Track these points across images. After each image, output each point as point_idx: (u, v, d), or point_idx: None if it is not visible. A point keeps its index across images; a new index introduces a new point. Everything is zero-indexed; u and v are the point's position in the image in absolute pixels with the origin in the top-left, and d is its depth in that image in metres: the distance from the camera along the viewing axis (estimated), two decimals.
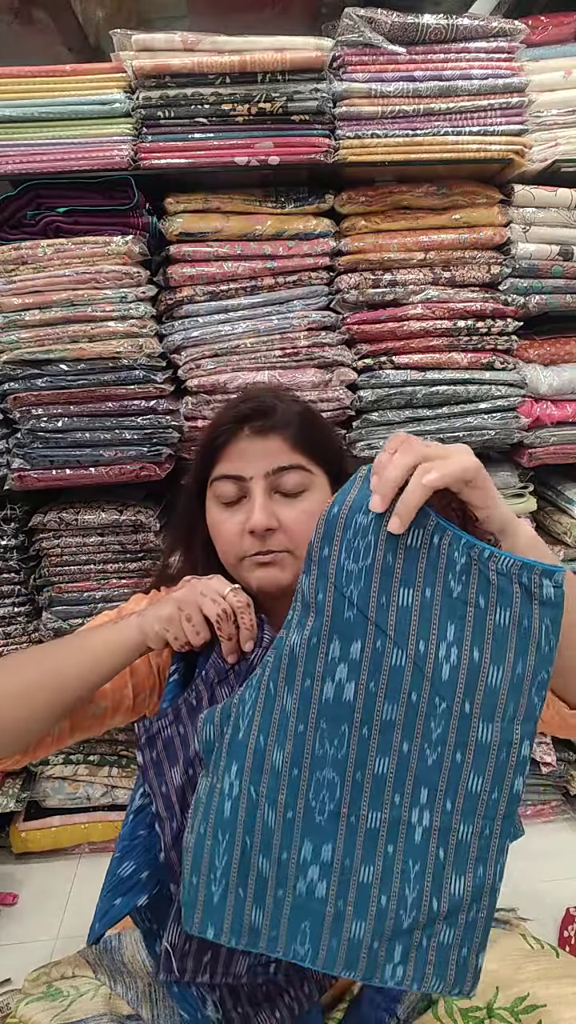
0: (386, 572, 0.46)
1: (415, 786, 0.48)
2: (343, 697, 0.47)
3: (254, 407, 0.66)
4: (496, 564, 0.46)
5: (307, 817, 0.48)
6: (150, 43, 1.02)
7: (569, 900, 1.21)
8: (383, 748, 0.48)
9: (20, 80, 1.02)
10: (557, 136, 1.14)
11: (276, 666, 0.49)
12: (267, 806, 0.48)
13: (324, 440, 0.70)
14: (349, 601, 0.46)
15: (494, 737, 0.47)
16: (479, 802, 0.48)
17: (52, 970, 0.76)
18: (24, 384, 1.10)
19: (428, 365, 1.16)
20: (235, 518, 0.65)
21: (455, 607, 0.46)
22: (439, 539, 0.46)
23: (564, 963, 0.66)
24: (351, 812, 0.48)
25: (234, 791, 0.49)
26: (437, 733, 0.47)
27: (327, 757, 0.48)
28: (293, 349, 1.14)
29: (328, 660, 0.47)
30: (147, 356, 1.11)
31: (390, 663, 0.47)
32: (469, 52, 1.08)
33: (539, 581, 0.45)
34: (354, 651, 0.47)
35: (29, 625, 1.27)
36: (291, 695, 0.48)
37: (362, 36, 1.04)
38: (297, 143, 1.05)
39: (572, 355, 1.21)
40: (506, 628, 0.46)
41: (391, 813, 0.48)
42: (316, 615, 0.47)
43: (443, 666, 0.47)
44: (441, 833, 0.48)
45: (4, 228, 1.07)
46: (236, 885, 0.49)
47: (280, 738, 0.48)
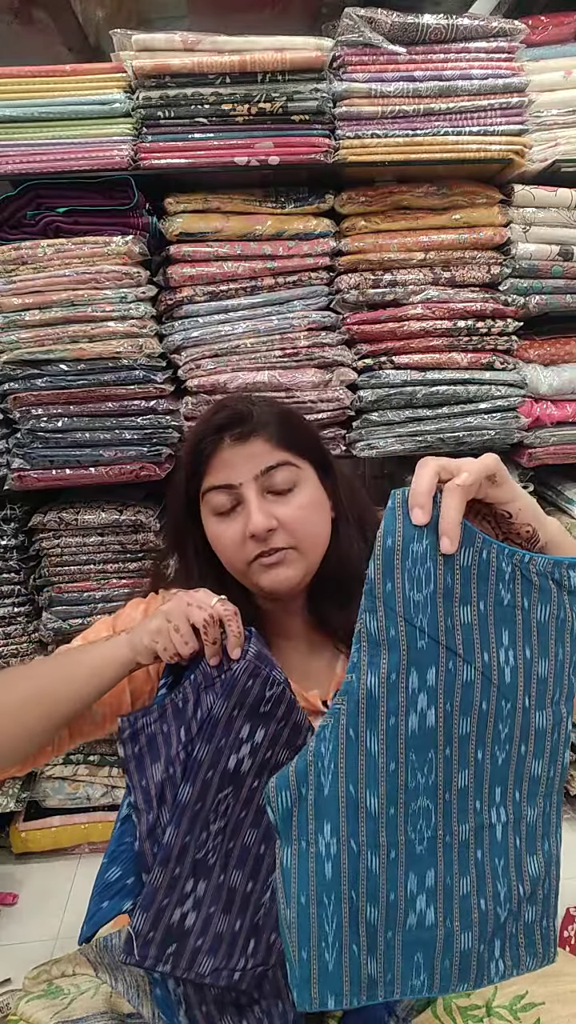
0: (448, 595, 0.47)
1: (491, 788, 0.50)
2: (427, 725, 0.48)
3: (230, 415, 0.66)
4: (536, 566, 0.49)
5: (408, 851, 0.48)
6: (150, 43, 1.02)
7: (569, 900, 1.21)
8: (463, 762, 0.49)
9: (20, 80, 1.02)
10: (557, 136, 1.14)
11: (352, 711, 0.48)
12: (369, 853, 0.48)
13: (304, 433, 0.70)
14: (420, 630, 0.47)
15: (547, 722, 0.51)
16: (541, 783, 0.51)
17: (53, 968, 0.76)
18: (24, 384, 1.10)
19: (428, 365, 1.16)
20: (234, 527, 0.65)
21: (506, 613, 0.49)
22: (487, 553, 0.48)
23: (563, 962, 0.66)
24: (445, 832, 0.49)
25: (332, 850, 0.48)
26: (505, 733, 0.50)
27: (419, 787, 0.48)
28: (293, 349, 1.14)
29: (409, 692, 0.47)
30: (147, 356, 1.11)
31: (462, 680, 0.48)
32: (469, 52, 1.08)
33: (567, 574, 0.50)
34: (431, 677, 0.48)
35: (29, 625, 1.27)
36: (375, 736, 0.48)
37: (362, 36, 1.04)
38: (297, 143, 1.05)
39: (572, 355, 1.21)
40: (546, 622, 0.50)
41: (476, 820, 0.50)
42: (390, 651, 0.47)
43: (505, 670, 0.49)
44: (515, 823, 0.51)
45: (4, 228, 1.07)
46: (350, 944, 0.48)
47: (371, 782, 0.48)
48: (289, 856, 0.49)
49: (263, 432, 0.66)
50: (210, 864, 0.56)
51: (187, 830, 0.55)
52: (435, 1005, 0.65)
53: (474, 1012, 0.63)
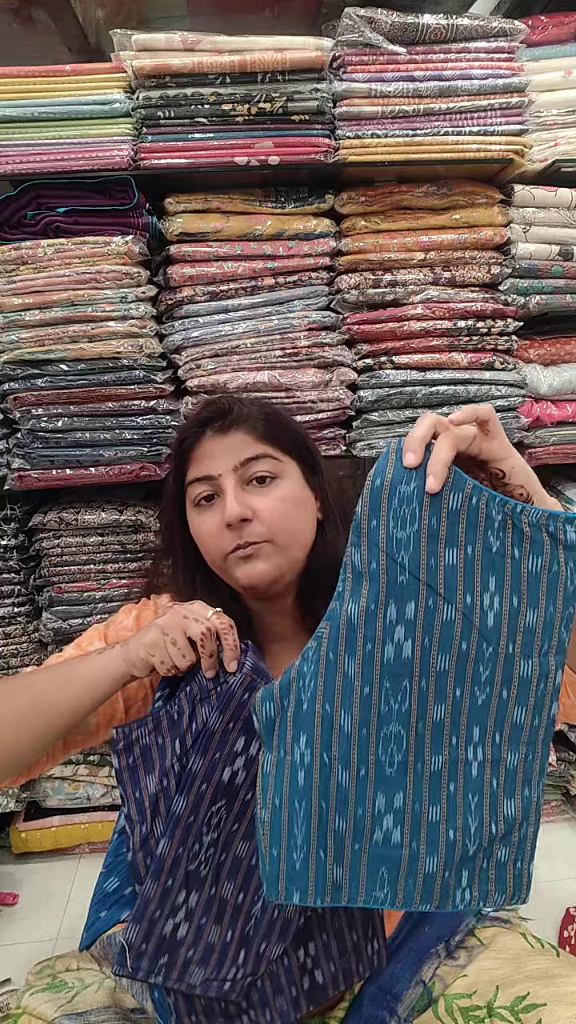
0: (432, 535, 0.49)
1: (468, 726, 0.52)
2: (402, 655, 0.50)
3: (213, 410, 0.67)
4: (528, 516, 0.50)
5: (378, 771, 0.51)
6: (150, 43, 1.02)
7: (569, 900, 1.21)
8: (439, 696, 0.51)
9: (20, 80, 1.02)
10: (557, 136, 1.14)
11: (334, 636, 0.51)
12: (340, 768, 0.51)
13: (288, 430, 0.70)
14: (401, 566, 0.49)
15: (533, 671, 0.52)
16: (523, 731, 0.53)
17: (56, 962, 0.76)
18: (24, 384, 1.10)
19: (428, 365, 1.16)
20: (212, 518, 0.65)
21: (495, 560, 0.50)
22: (477, 500, 0.49)
23: (564, 962, 0.66)
24: (416, 760, 0.51)
25: (306, 760, 0.51)
26: (485, 675, 0.51)
27: (392, 713, 0.51)
28: (293, 349, 1.14)
29: (387, 623, 0.50)
30: (147, 356, 1.11)
31: (442, 618, 0.50)
32: (469, 52, 1.08)
33: (563, 527, 0.50)
34: (409, 612, 0.50)
35: (29, 625, 1.27)
36: (352, 660, 0.50)
37: (362, 36, 1.04)
38: (297, 143, 1.05)
39: (572, 355, 1.21)
40: (538, 573, 0.51)
41: (450, 754, 0.52)
42: (371, 583, 0.50)
43: (488, 615, 0.51)
44: (493, 764, 0.52)
45: (4, 228, 1.07)
46: (316, 848, 0.50)
47: (346, 702, 0.51)
48: (268, 762, 0.52)
49: (244, 424, 0.66)
50: (202, 876, 0.57)
51: (180, 842, 0.55)
52: (436, 1006, 0.65)
53: (475, 1013, 0.63)
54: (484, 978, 0.65)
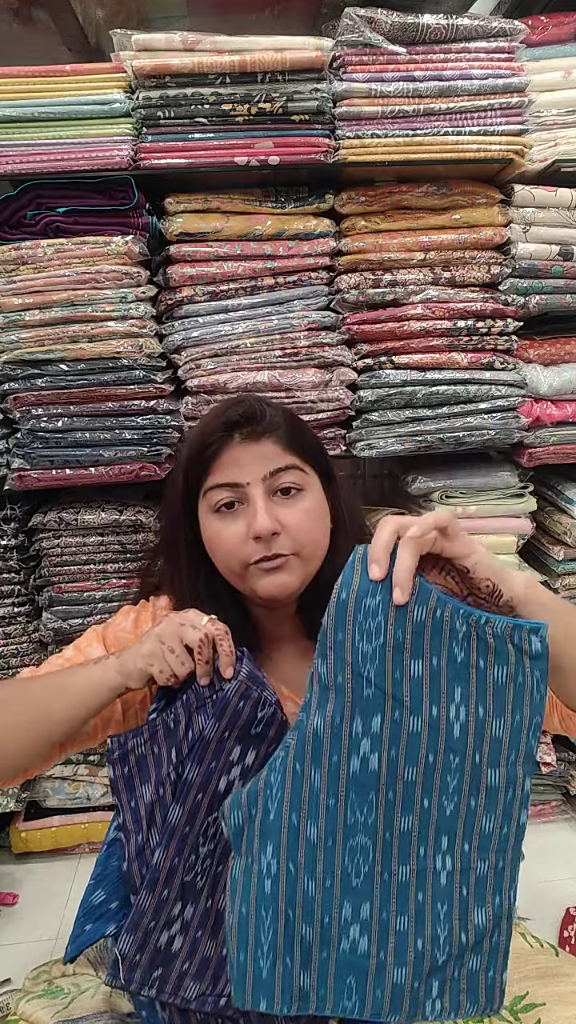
0: (397, 648, 0.50)
1: (436, 835, 0.52)
2: (369, 768, 0.51)
3: (243, 413, 0.65)
4: (492, 628, 0.51)
5: (344, 881, 0.52)
6: (150, 43, 1.02)
7: (569, 900, 1.21)
8: (407, 807, 0.52)
9: (20, 80, 1.02)
10: (557, 136, 1.14)
11: (300, 747, 0.51)
12: (306, 878, 0.51)
13: (312, 441, 0.70)
14: (367, 680, 0.50)
15: (501, 780, 0.52)
16: (492, 839, 0.53)
17: (53, 968, 0.76)
18: (24, 384, 1.10)
19: (428, 365, 1.16)
20: (234, 526, 0.64)
21: (460, 671, 0.51)
22: (441, 612, 0.51)
23: (563, 962, 0.66)
24: (384, 870, 0.52)
25: (272, 869, 0.51)
26: (453, 785, 0.52)
27: (358, 824, 0.51)
28: (293, 349, 1.14)
29: (352, 736, 0.51)
30: (147, 356, 1.11)
31: (408, 730, 0.51)
32: (469, 52, 1.08)
33: (528, 638, 0.51)
34: (375, 724, 0.51)
35: (29, 625, 1.27)
36: (318, 772, 0.51)
37: (362, 36, 1.04)
38: (297, 143, 1.05)
39: (572, 355, 1.21)
40: (504, 684, 0.52)
41: (418, 864, 0.52)
42: (337, 696, 0.51)
43: (454, 725, 0.52)
44: (463, 873, 0.53)
45: (4, 228, 1.07)
46: (283, 955, 0.51)
47: (312, 813, 0.51)
48: (237, 868, 0.52)
49: (274, 433, 0.65)
50: (198, 888, 0.56)
51: (176, 852, 0.55)
52: None
53: None
54: None
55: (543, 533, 1.32)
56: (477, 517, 1.24)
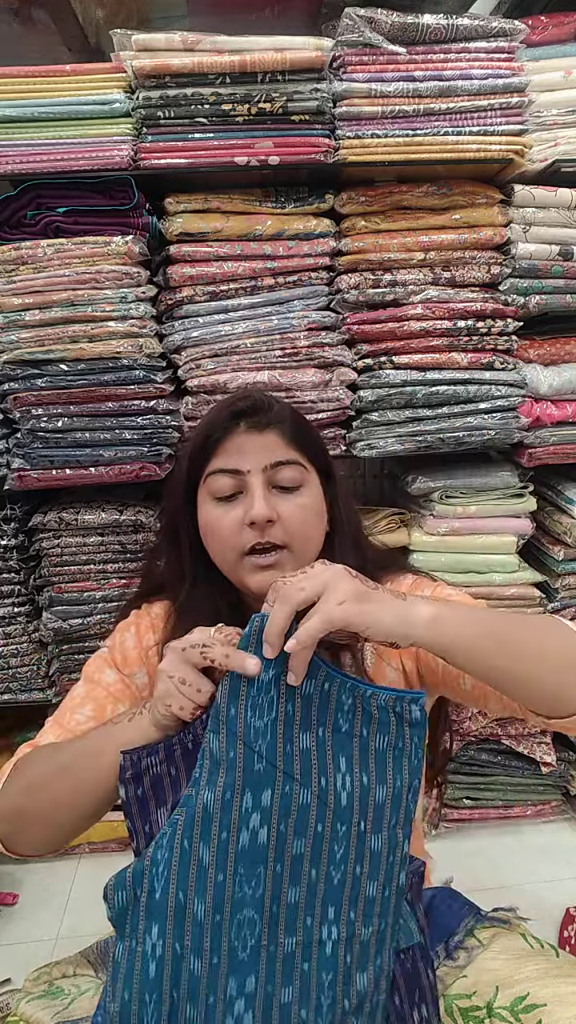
0: (288, 722, 0.51)
1: (323, 906, 0.52)
2: (258, 841, 0.50)
3: (251, 403, 0.66)
4: (376, 700, 0.53)
5: (231, 957, 0.50)
6: (150, 43, 1.02)
7: (569, 900, 1.21)
8: (294, 879, 0.52)
9: (20, 80, 1.02)
10: (557, 136, 1.14)
11: (188, 823, 0.50)
12: (192, 957, 0.50)
13: (315, 439, 0.71)
14: (258, 755, 0.50)
15: (383, 844, 0.53)
16: (376, 904, 0.53)
17: (53, 969, 0.76)
18: (24, 384, 1.10)
19: (428, 365, 1.16)
20: (232, 513, 0.65)
21: (344, 741, 0.53)
22: (329, 686, 0.52)
23: (564, 962, 0.66)
24: (270, 942, 0.51)
25: (157, 951, 0.50)
26: (340, 853, 0.52)
27: (246, 898, 0.50)
28: (293, 349, 1.14)
29: (243, 811, 0.50)
30: (147, 356, 1.11)
31: (298, 802, 0.51)
32: (469, 52, 1.08)
33: (408, 707, 0.53)
34: (265, 799, 0.50)
35: (29, 625, 1.27)
36: (207, 848, 0.50)
37: (362, 36, 1.04)
38: (297, 143, 1.05)
39: (572, 355, 1.21)
40: (384, 751, 0.53)
41: (304, 935, 0.52)
42: (228, 771, 0.50)
43: (341, 794, 0.52)
44: (347, 941, 0.53)
45: (4, 228, 1.06)
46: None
47: (199, 890, 0.50)
48: (120, 951, 0.51)
49: (279, 427, 0.66)
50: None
51: None
52: None
53: (475, 1013, 0.63)
54: (484, 979, 0.65)
55: (543, 533, 1.32)
56: (477, 517, 1.25)
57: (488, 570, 1.27)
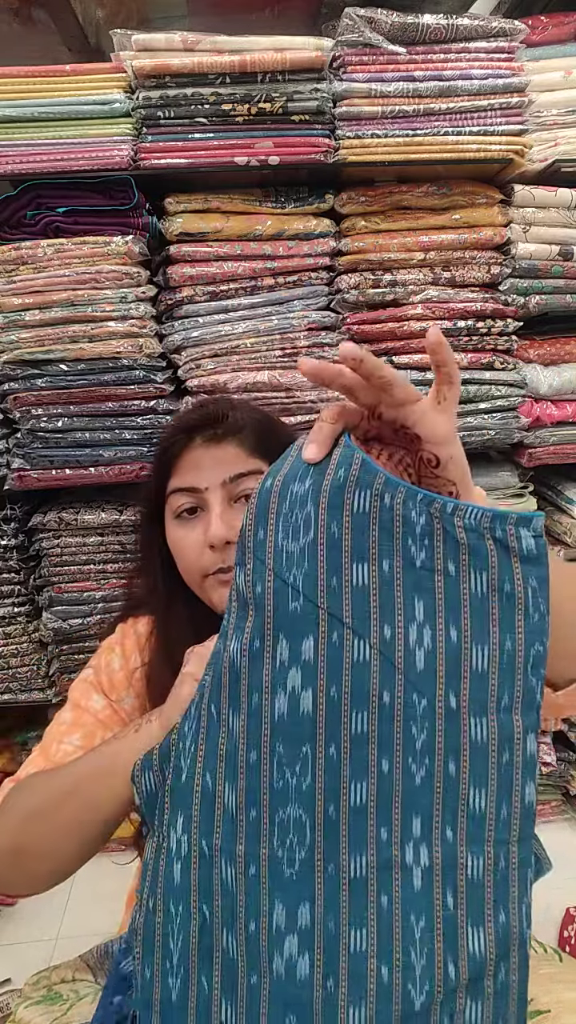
0: (333, 547, 0.37)
1: (404, 815, 0.37)
2: (301, 709, 0.37)
3: (203, 415, 0.63)
4: (463, 519, 0.37)
5: (273, 871, 0.37)
6: (150, 43, 1.01)
7: (569, 900, 1.21)
8: (357, 770, 0.37)
9: (20, 80, 1.02)
10: (557, 136, 1.14)
11: (215, 685, 0.39)
12: (224, 862, 0.38)
13: (282, 442, 0.65)
14: (293, 588, 0.37)
15: (491, 734, 0.37)
16: (486, 824, 0.37)
17: (52, 974, 0.76)
18: (24, 384, 1.10)
19: (428, 365, 1.16)
20: (194, 533, 0.61)
21: (421, 578, 0.37)
22: (391, 498, 0.37)
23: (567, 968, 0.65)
24: (327, 859, 0.37)
25: (183, 849, 0.39)
26: (421, 740, 0.37)
27: (288, 789, 0.37)
28: (293, 349, 1.14)
29: (276, 665, 0.38)
30: (147, 356, 1.11)
31: (352, 659, 0.37)
32: (469, 52, 1.08)
33: (516, 532, 0.37)
34: (306, 649, 0.37)
35: (29, 625, 1.27)
36: (238, 717, 0.39)
37: (362, 36, 1.04)
38: (297, 143, 1.05)
39: (572, 355, 1.21)
40: (485, 596, 0.37)
41: (379, 855, 0.37)
42: (256, 612, 0.38)
43: (415, 653, 0.37)
44: (445, 872, 0.37)
45: (4, 228, 1.06)
46: (198, 973, 0.38)
47: (230, 773, 0.39)
48: (149, 851, 0.40)
49: (237, 436, 0.62)
50: None
51: None
52: None
53: None
54: None
55: None
56: None
57: None
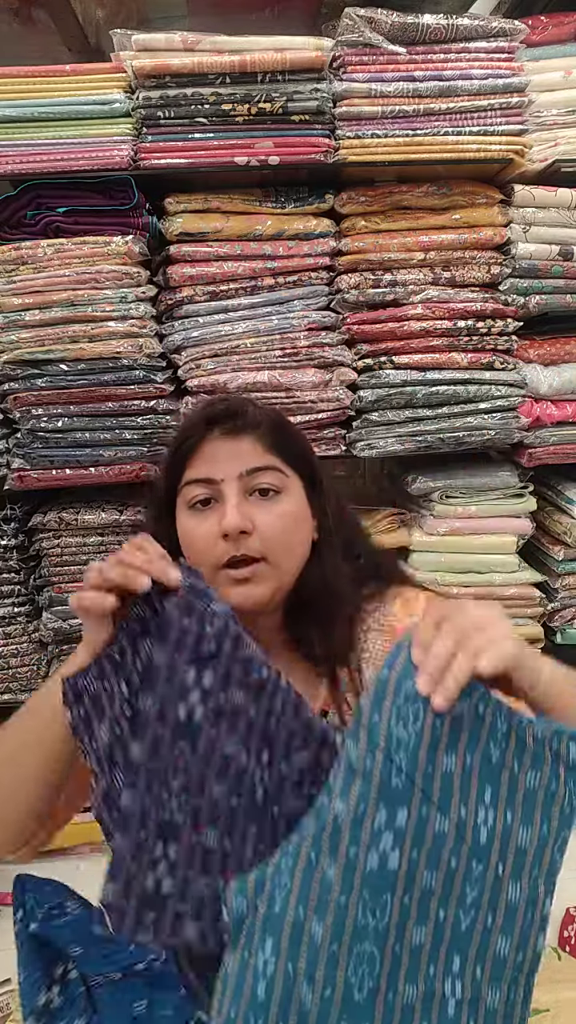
0: (434, 739, 0.45)
1: (448, 954, 0.46)
2: (388, 866, 0.45)
3: (225, 409, 0.64)
4: (533, 731, 0.47)
5: (346, 994, 0.45)
6: (150, 43, 1.02)
7: (569, 900, 1.21)
8: (421, 917, 0.46)
9: (20, 80, 1.02)
10: (557, 136, 1.14)
11: (318, 834, 0.47)
12: (304, 984, 0.45)
13: (297, 443, 0.68)
14: (397, 767, 0.45)
15: (522, 896, 0.47)
16: (506, 966, 0.47)
17: None
18: (24, 384, 1.10)
19: (428, 365, 1.16)
20: (207, 524, 0.62)
21: (493, 772, 0.47)
22: (483, 708, 0.47)
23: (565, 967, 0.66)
24: (389, 987, 0.45)
25: (269, 969, 0.45)
26: (472, 896, 0.47)
27: (368, 929, 0.45)
28: (293, 349, 1.14)
29: (375, 829, 0.45)
30: (147, 356, 1.11)
31: (434, 830, 0.46)
32: (469, 52, 1.08)
33: (568, 745, 0.47)
34: (400, 819, 0.45)
35: (29, 625, 1.27)
36: (334, 865, 0.46)
37: (362, 36, 1.04)
38: (297, 143, 1.05)
39: (572, 355, 1.21)
40: (535, 790, 0.47)
41: (426, 986, 0.46)
42: (363, 781, 0.46)
43: (481, 830, 0.47)
44: (471, 1004, 0.46)
45: (4, 228, 1.07)
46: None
47: (320, 910, 0.46)
48: (231, 965, 0.47)
49: (254, 432, 0.63)
50: (177, 824, 0.51)
51: (144, 791, 0.49)
52: None
53: None
54: None
55: (543, 533, 1.32)
56: (477, 517, 1.24)
57: (488, 570, 1.27)
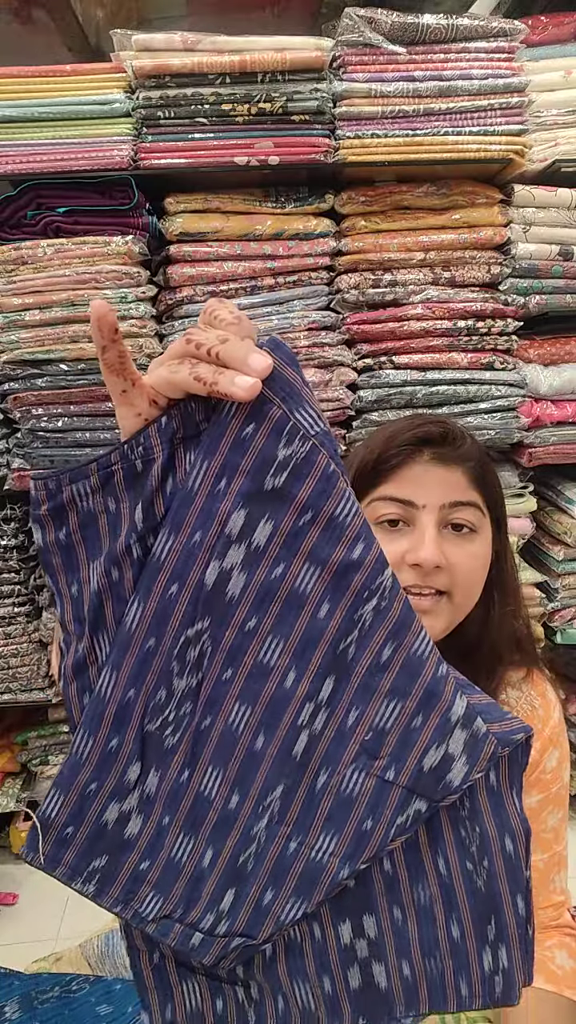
0: None
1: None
2: None
3: (441, 432, 0.60)
4: None
5: None
6: (150, 43, 1.02)
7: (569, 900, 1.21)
8: None
9: (20, 80, 1.02)
10: (557, 136, 1.14)
11: None
12: None
13: (497, 483, 0.65)
14: None
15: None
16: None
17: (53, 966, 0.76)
18: (24, 384, 1.10)
19: (428, 365, 1.16)
20: (393, 546, 0.58)
21: None
22: None
23: None
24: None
25: None
26: None
27: None
28: (293, 349, 1.14)
29: None
30: (147, 356, 1.11)
31: None
32: (469, 52, 1.08)
33: None
34: None
35: (29, 625, 1.27)
36: None
37: (362, 36, 1.04)
38: (297, 143, 1.05)
39: (572, 355, 1.21)
40: None
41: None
42: None
43: None
44: None
45: (4, 228, 1.07)
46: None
47: None
48: None
49: (465, 464, 0.60)
50: (169, 746, 0.35)
51: (134, 677, 0.34)
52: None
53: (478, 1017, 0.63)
54: None
55: (543, 533, 1.32)
56: None
57: None
